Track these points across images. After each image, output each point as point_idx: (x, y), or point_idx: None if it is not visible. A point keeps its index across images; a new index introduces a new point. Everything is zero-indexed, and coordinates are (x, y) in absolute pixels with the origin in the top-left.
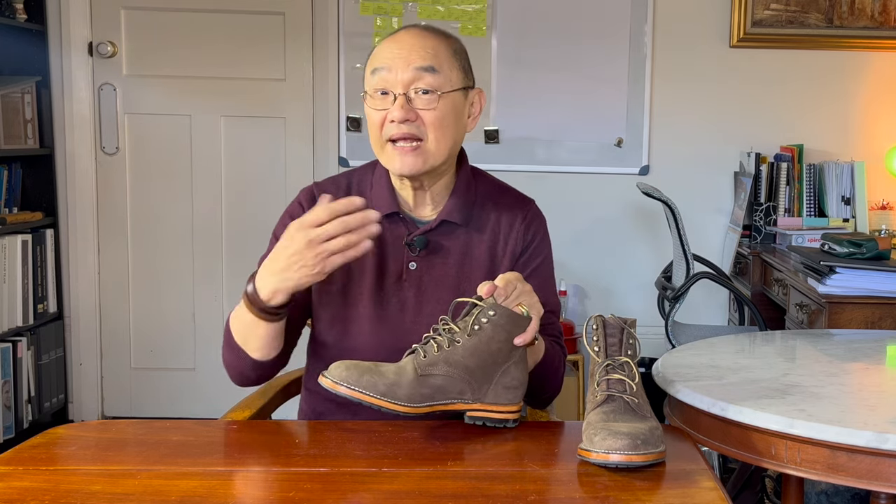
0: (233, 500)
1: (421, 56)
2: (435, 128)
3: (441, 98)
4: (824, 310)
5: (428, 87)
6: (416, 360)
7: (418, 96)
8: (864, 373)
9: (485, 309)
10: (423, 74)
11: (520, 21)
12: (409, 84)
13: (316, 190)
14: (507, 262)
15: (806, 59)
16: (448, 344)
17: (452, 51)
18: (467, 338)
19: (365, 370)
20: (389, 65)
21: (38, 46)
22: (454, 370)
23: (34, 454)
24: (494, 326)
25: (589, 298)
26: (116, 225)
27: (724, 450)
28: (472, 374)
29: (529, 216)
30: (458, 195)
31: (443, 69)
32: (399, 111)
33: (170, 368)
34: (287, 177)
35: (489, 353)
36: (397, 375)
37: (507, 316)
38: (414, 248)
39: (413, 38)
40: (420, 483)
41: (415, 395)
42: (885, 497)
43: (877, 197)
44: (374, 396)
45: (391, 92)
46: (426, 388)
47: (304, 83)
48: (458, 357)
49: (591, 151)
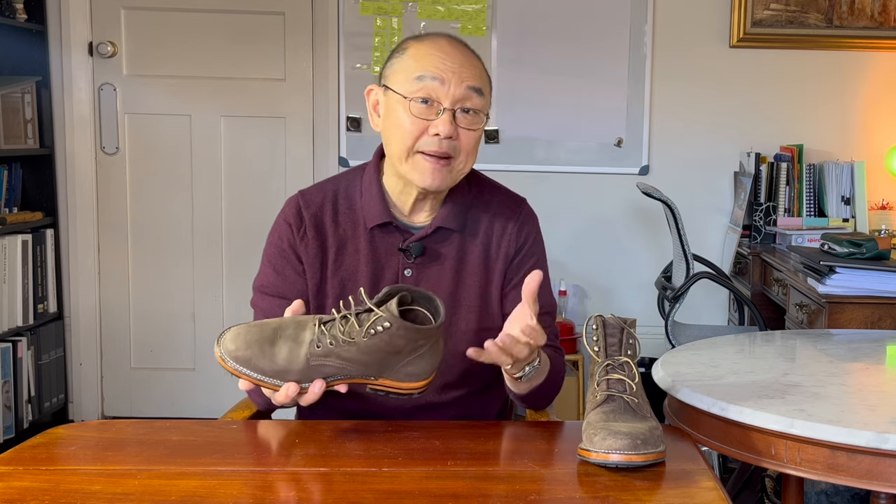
0: (233, 500)
1: (472, 75)
2: (469, 148)
3: (482, 121)
4: (824, 310)
5: (475, 107)
6: (310, 349)
7: (464, 115)
8: (864, 373)
9: (381, 318)
10: (472, 94)
11: (520, 21)
12: (458, 101)
13: (302, 201)
14: (500, 264)
15: (806, 59)
16: (343, 340)
17: (488, 75)
18: (362, 339)
19: (257, 350)
20: (442, 76)
21: (38, 46)
22: (347, 364)
23: (34, 454)
24: (392, 335)
25: (589, 298)
26: (116, 225)
27: (724, 450)
28: (368, 366)
29: (522, 217)
30: (453, 200)
31: (486, 93)
32: (446, 126)
33: (170, 368)
34: (287, 177)
35: (386, 353)
36: (287, 362)
37: (404, 328)
38: (409, 255)
39: (462, 55)
40: (420, 483)
41: (304, 378)
42: (885, 497)
43: (877, 197)
44: (263, 380)
45: (437, 104)
46: (315, 374)
47: (304, 83)
48: (351, 355)
49: (591, 151)
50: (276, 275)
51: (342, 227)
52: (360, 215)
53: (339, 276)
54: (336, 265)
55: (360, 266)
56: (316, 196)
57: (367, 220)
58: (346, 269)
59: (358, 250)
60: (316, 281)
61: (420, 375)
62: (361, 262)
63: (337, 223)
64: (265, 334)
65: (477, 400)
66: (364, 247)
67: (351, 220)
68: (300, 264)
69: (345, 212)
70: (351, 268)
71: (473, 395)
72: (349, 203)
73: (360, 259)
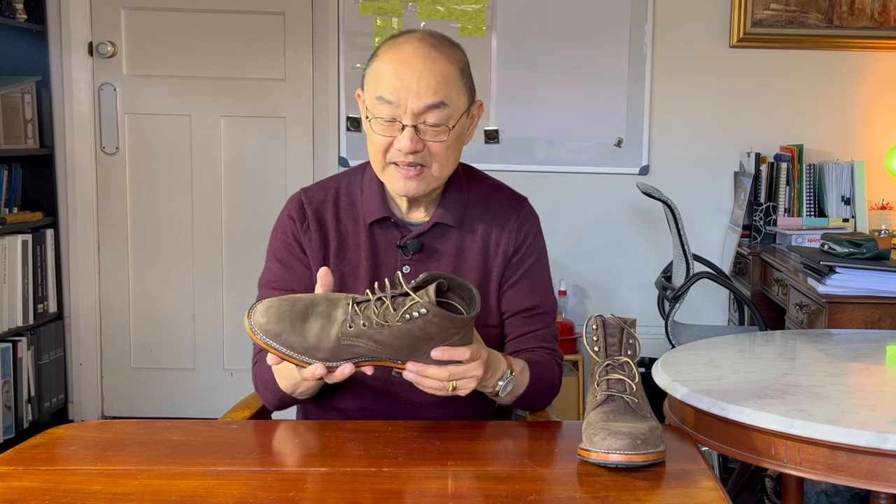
0: (233, 500)
1: (432, 89)
2: (441, 157)
3: (450, 130)
4: (824, 310)
5: (437, 121)
6: (342, 328)
7: (427, 128)
8: (864, 373)
9: (418, 304)
10: (431, 110)
11: (520, 21)
12: (418, 116)
13: (304, 197)
14: (499, 262)
15: (806, 59)
16: (376, 322)
17: (460, 72)
18: (396, 323)
19: (288, 325)
20: (397, 98)
21: (38, 46)
22: (378, 346)
23: (34, 454)
24: (426, 322)
25: (589, 298)
26: (116, 225)
27: (724, 450)
28: (399, 350)
29: (522, 216)
30: (450, 197)
31: (452, 101)
32: (408, 142)
33: (170, 368)
34: (287, 177)
35: (418, 339)
36: (318, 339)
37: (440, 316)
38: (407, 252)
39: (422, 63)
40: (420, 483)
41: (331, 358)
42: (885, 497)
43: (877, 197)
44: (292, 356)
45: (398, 122)
46: (345, 354)
47: (304, 83)
48: (383, 338)
49: (591, 151)
50: (283, 268)
51: (343, 223)
52: (360, 211)
53: (339, 270)
54: (337, 260)
55: (361, 261)
56: (318, 193)
57: (366, 216)
58: (346, 264)
59: (358, 246)
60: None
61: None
62: (361, 257)
63: (338, 219)
64: (297, 309)
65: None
66: (364, 243)
67: (352, 216)
68: (305, 257)
69: (346, 208)
70: (351, 263)
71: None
72: (350, 200)
73: (361, 255)
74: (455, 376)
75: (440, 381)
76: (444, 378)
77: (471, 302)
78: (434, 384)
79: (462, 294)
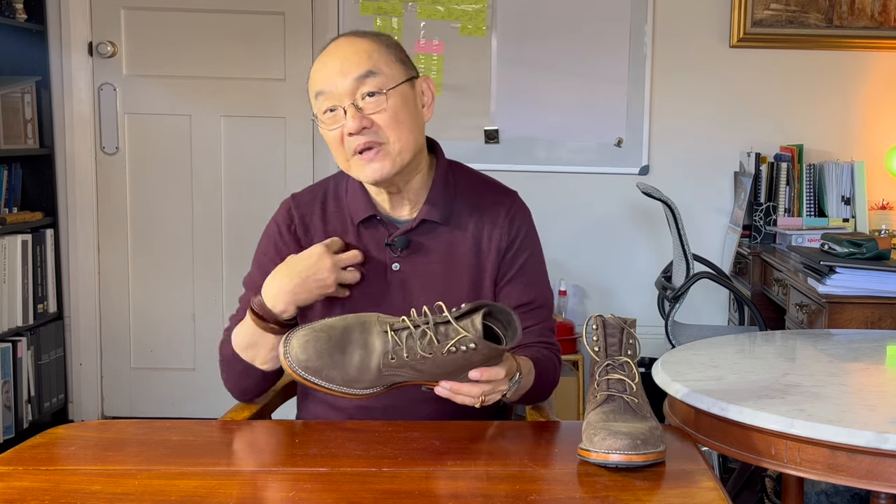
0: (233, 500)
1: (356, 63)
2: (392, 127)
3: (389, 96)
4: (824, 310)
5: (372, 89)
6: (383, 360)
7: (366, 102)
8: (864, 373)
9: (467, 338)
10: (363, 81)
11: (520, 21)
12: (353, 93)
13: (293, 203)
14: (492, 257)
15: (806, 59)
16: (420, 355)
17: (385, 46)
18: (441, 355)
19: (328, 360)
20: (328, 84)
21: (38, 46)
22: (418, 375)
23: (34, 454)
24: (472, 354)
25: (589, 298)
26: (116, 225)
27: (724, 450)
28: (436, 377)
29: (513, 210)
30: (435, 193)
31: (381, 69)
32: (352, 122)
33: (170, 368)
34: (287, 177)
35: (459, 367)
36: (359, 372)
37: (487, 347)
38: (395, 249)
39: (343, 48)
40: (420, 483)
41: (372, 386)
42: (885, 497)
43: (877, 197)
44: (333, 388)
45: (338, 107)
46: (385, 382)
47: (304, 83)
48: (426, 367)
49: (591, 151)
50: (263, 275)
51: (331, 225)
52: (346, 213)
53: None
54: None
55: None
56: (306, 197)
57: (353, 216)
58: None
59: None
60: None
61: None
62: None
63: (326, 221)
64: (334, 342)
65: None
66: (353, 243)
67: (339, 217)
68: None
69: (333, 210)
70: None
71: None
72: (337, 202)
73: None
74: (486, 393)
75: (472, 398)
76: (476, 395)
77: (508, 325)
78: (466, 400)
79: (499, 316)
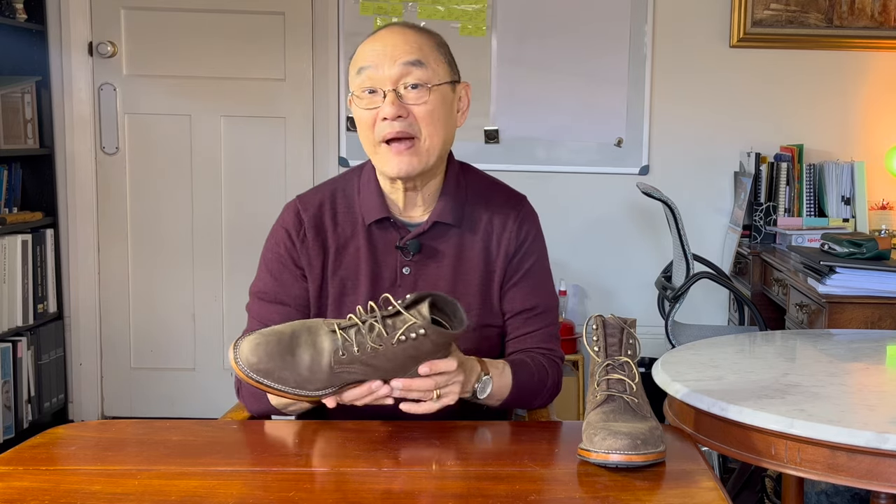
0: (233, 500)
1: (406, 51)
2: (427, 123)
3: (431, 91)
4: (824, 310)
5: (417, 80)
6: (333, 357)
7: (408, 91)
8: (864, 373)
9: (416, 325)
10: (410, 69)
11: (520, 21)
12: (397, 80)
13: (300, 205)
14: (500, 261)
15: (806, 59)
16: (370, 347)
17: (436, 44)
18: (391, 346)
19: (279, 361)
20: (375, 62)
21: (38, 46)
22: (371, 370)
23: (34, 454)
24: (422, 341)
25: (589, 298)
26: (116, 225)
27: (724, 450)
28: (388, 372)
29: (522, 214)
30: (448, 195)
31: (429, 63)
32: (391, 107)
33: (170, 368)
34: (287, 177)
35: (410, 357)
36: (310, 372)
37: (436, 333)
38: (407, 252)
39: (396, 36)
40: (420, 483)
41: (325, 386)
42: (885, 497)
43: (877, 197)
44: (287, 391)
45: (379, 89)
46: (338, 381)
47: (304, 83)
48: (378, 362)
49: (591, 151)
50: (273, 281)
51: (341, 227)
52: (358, 213)
53: (339, 275)
54: (336, 264)
55: (360, 265)
56: (314, 198)
57: (365, 217)
58: (345, 268)
59: (358, 249)
60: (318, 282)
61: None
62: (361, 260)
63: (336, 222)
64: (283, 344)
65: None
66: (363, 245)
67: (350, 218)
68: (297, 269)
69: (343, 211)
70: (350, 267)
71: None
72: (347, 202)
73: (360, 258)
74: (440, 384)
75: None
76: (430, 388)
77: (454, 315)
78: (423, 400)
79: (444, 308)
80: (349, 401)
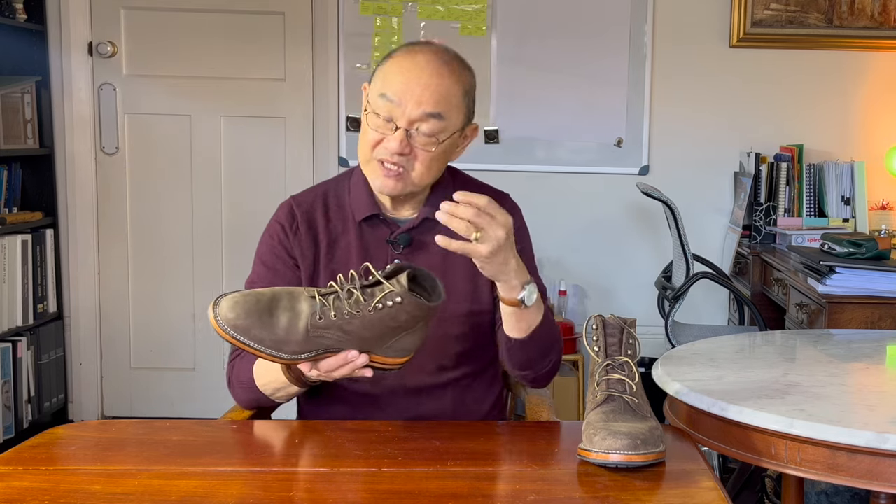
0: (233, 500)
1: (432, 101)
2: (424, 164)
3: (439, 143)
4: (824, 310)
5: (431, 131)
6: (310, 320)
7: (419, 135)
8: (864, 373)
9: (392, 293)
10: (428, 119)
11: (520, 21)
12: (413, 122)
13: (294, 203)
14: None
15: (806, 59)
16: (347, 312)
17: (464, 92)
18: (368, 312)
19: (255, 319)
20: (399, 98)
21: (38, 46)
22: (346, 337)
23: (34, 454)
24: (398, 310)
25: (589, 298)
26: (116, 225)
27: (724, 450)
28: (365, 341)
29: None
30: (438, 193)
31: (450, 116)
32: (396, 144)
33: (170, 368)
34: (287, 177)
35: (387, 328)
36: (286, 333)
37: (413, 303)
38: (397, 246)
39: (431, 74)
40: (420, 483)
41: (301, 350)
42: (885, 497)
43: (877, 197)
44: (262, 350)
45: (393, 122)
46: (314, 346)
47: (304, 83)
48: (353, 328)
49: (591, 151)
50: (266, 270)
51: (332, 223)
52: (349, 211)
53: (330, 268)
54: (327, 259)
55: (352, 259)
56: (307, 196)
57: (355, 214)
58: (337, 261)
59: (349, 243)
60: (309, 273)
61: (407, 351)
62: (352, 254)
63: (328, 219)
64: (262, 304)
65: (473, 383)
66: (354, 241)
67: (341, 216)
68: (290, 259)
69: (335, 209)
70: (342, 260)
71: (469, 378)
72: (339, 201)
73: (352, 251)
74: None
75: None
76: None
77: (433, 291)
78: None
79: (424, 284)
80: (325, 370)
